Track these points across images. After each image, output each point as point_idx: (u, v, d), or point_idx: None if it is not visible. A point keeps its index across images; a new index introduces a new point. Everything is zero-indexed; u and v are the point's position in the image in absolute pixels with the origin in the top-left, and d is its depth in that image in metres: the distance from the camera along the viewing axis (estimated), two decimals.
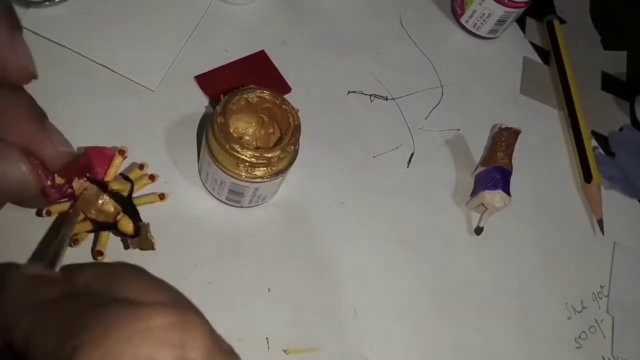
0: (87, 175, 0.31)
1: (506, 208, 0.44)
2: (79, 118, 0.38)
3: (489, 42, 0.57)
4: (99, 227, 0.32)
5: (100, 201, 0.32)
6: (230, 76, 0.44)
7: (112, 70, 0.41)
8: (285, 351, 0.36)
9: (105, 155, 0.33)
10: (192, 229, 0.38)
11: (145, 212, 0.33)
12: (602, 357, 0.44)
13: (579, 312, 0.46)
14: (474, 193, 0.46)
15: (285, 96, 0.37)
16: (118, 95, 0.40)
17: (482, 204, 0.45)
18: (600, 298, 0.47)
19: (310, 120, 0.45)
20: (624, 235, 0.51)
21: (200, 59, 0.44)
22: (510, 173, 0.45)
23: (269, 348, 0.35)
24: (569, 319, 0.45)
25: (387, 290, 0.40)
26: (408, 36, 0.54)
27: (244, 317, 0.36)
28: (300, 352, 0.36)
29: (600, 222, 0.50)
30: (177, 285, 0.34)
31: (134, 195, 0.33)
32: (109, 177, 0.33)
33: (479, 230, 0.45)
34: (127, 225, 0.32)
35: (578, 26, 0.64)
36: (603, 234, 0.50)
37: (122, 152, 0.33)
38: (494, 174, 0.45)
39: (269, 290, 0.37)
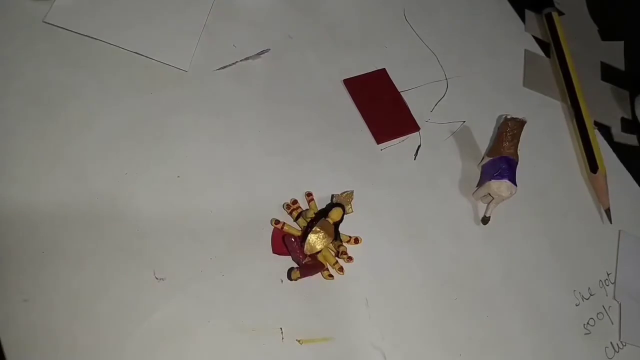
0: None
1: (512, 198, 0.45)
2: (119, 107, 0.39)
3: (491, 35, 0.58)
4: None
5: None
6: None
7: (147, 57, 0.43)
8: (299, 341, 0.36)
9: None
10: (204, 221, 0.38)
11: None
12: (611, 342, 0.45)
13: (587, 299, 0.46)
14: (480, 183, 0.47)
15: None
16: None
17: (489, 194, 0.45)
18: (607, 285, 0.47)
19: (317, 113, 0.46)
20: (629, 223, 0.51)
21: (210, 54, 0.44)
22: (517, 163, 0.46)
23: (283, 338, 0.36)
24: (577, 305, 0.45)
25: (397, 279, 0.41)
26: (412, 30, 0.54)
27: (257, 308, 0.36)
28: (314, 342, 0.36)
29: (608, 212, 0.51)
30: (192, 278, 0.35)
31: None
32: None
33: (485, 220, 0.46)
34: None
35: (575, 17, 0.65)
36: (611, 222, 0.50)
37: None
38: (500, 163, 0.45)
39: (282, 281, 0.38)
